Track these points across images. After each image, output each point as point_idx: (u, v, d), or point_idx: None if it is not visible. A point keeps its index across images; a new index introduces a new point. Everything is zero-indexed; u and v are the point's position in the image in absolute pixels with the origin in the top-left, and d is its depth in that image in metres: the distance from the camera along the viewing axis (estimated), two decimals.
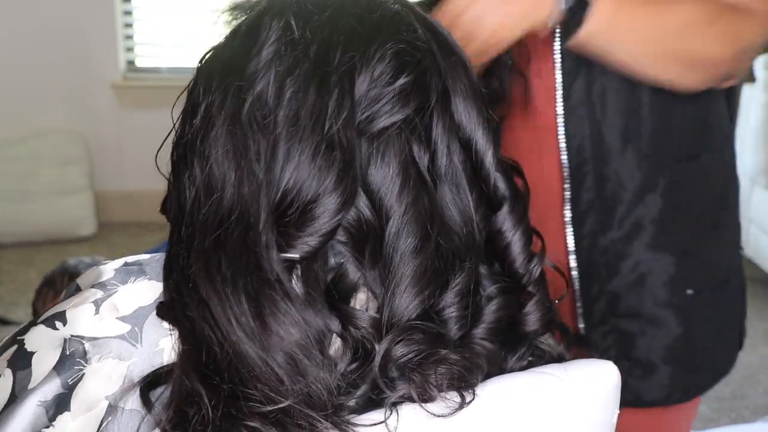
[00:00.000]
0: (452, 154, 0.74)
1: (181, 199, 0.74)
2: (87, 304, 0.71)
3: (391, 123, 0.71)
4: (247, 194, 0.69)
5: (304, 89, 0.70)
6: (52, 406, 0.68)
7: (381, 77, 0.72)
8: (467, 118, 0.75)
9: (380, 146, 0.71)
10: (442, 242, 0.72)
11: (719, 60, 1.18)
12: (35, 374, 0.69)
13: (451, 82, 0.75)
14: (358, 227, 0.70)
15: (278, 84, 0.71)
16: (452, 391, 0.69)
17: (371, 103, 0.71)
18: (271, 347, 0.66)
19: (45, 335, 0.70)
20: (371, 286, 0.71)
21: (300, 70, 0.71)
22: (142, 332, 0.70)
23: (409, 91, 0.72)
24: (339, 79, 0.70)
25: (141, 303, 0.71)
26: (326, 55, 0.71)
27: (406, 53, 0.73)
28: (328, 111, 0.69)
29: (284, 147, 0.70)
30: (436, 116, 0.74)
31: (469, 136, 0.75)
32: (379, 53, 0.72)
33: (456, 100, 0.75)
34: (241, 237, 0.68)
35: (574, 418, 0.76)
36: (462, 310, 0.72)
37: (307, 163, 0.69)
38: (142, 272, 0.73)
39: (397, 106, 0.71)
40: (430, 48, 0.75)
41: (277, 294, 0.67)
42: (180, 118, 0.77)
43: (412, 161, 0.72)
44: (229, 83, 0.73)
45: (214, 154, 0.71)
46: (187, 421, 0.65)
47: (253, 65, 0.72)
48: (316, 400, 0.66)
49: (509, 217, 0.77)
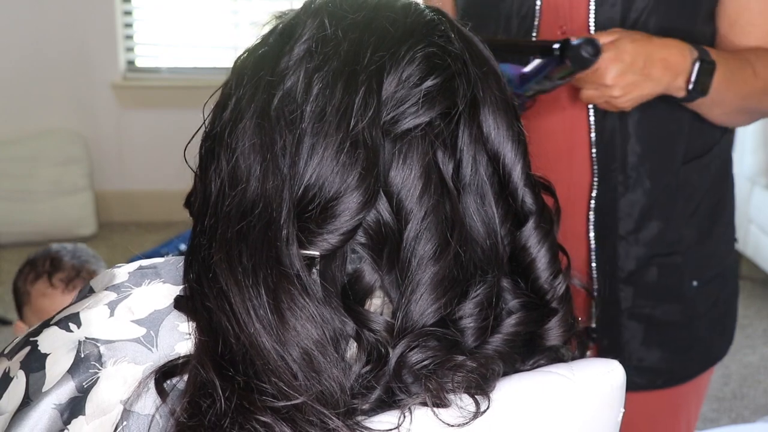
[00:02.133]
0: (478, 164, 0.74)
1: (206, 191, 0.74)
2: (101, 306, 0.71)
3: (415, 125, 0.71)
4: (270, 188, 0.70)
5: (331, 86, 0.71)
6: (67, 409, 0.67)
7: (409, 79, 0.72)
8: (496, 131, 0.75)
9: (403, 148, 0.71)
10: (461, 251, 0.71)
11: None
12: (49, 377, 0.68)
13: (482, 93, 0.75)
14: (377, 229, 0.70)
15: (307, 80, 0.71)
16: (467, 396, 0.69)
17: (397, 104, 0.71)
18: (287, 341, 0.66)
19: (59, 337, 0.70)
20: (387, 290, 0.71)
21: (329, 67, 0.71)
22: (157, 336, 0.70)
23: (436, 94, 0.72)
24: (367, 78, 0.71)
25: (156, 306, 0.71)
26: (356, 54, 0.72)
27: (437, 57, 0.73)
28: (354, 109, 0.70)
29: (309, 142, 0.70)
30: (463, 124, 0.73)
31: (497, 149, 0.75)
32: (409, 55, 0.72)
33: (485, 111, 0.75)
34: (263, 230, 0.69)
35: (580, 416, 0.76)
36: (480, 321, 0.72)
37: (331, 159, 0.69)
38: (157, 275, 0.73)
39: (423, 108, 0.71)
40: (461, 56, 0.75)
41: (296, 289, 0.67)
42: (211, 114, 0.77)
43: (435, 166, 0.72)
44: (260, 78, 0.73)
45: (241, 146, 0.72)
46: (201, 412, 0.65)
47: (285, 61, 0.73)
48: (329, 398, 0.66)
49: (535, 233, 0.76)
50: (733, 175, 1.46)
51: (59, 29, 3.98)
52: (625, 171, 1.30)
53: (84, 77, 4.07)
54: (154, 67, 4.24)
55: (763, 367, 3.05)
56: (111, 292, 0.72)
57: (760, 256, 3.45)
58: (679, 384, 1.42)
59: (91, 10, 4.01)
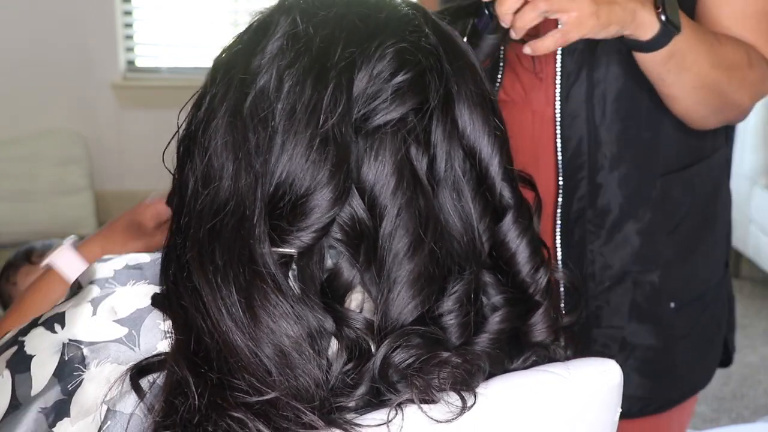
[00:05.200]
0: (453, 160, 0.73)
1: (182, 189, 0.74)
2: (84, 304, 0.71)
3: (386, 121, 0.71)
4: (243, 186, 0.69)
5: (301, 83, 0.70)
6: (52, 412, 0.68)
7: (380, 75, 0.71)
8: (471, 126, 0.74)
9: (375, 144, 0.71)
10: (437, 247, 0.71)
11: (742, 106, 1.22)
12: (36, 380, 0.69)
13: (456, 87, 0.74)
14: (352, 225, 0.70)
15: (278, 78, 0.71)
16: (454, 393, 0.69)
17: (369, 101, 0.71)
18: (259, 339, 0.66)
19: (44, 339, 0.70)
20: (367, 287, 0.71)
21: (300, 63, 0.71)
22: (139, 336, 0.70)
23: (406, 90, 0.71)
24: (337, 74, 0.70)
25: (138, 305, 0.71)
26: (327, 50, 0.71)
27: (407, 52, 0.73)
28: (323, 105, 0.69)
29: (280, 140, 0.70)
30: (436, 119, 0.73)
31: (473, 144, 0.74)
32: (380, 51, 0.72)
33: (460, 106, 0.74)
34: (235, 228, 0.69)
35: (577, 416, 0.76)
36: (462, 317, 0.72)
37: (301, 156, 0.69)
38: (143, 276, 0.73)
39: (394, 104, 0.71)
40: (436, 51, 0.74)
41: (269, 287, 0.67)
42: (189, 113, 0.77)
43: (408, 162, 0.71)
44: (232, 75, 0.73)
45: (214, 144, 0.71)
46: (176, 410, 0.65)
47: (258, 59, 0.72)
48: (303, 393, 0.66)
49: (513, 227, 0.76)
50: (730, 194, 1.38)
51: (59, 29, 3.98)
52: (594, 181, 1.24)
53: (84, 77, 4.07)
54: (154, 67, 4.24)
55: (763, 367, 3.05)
56: (95, 287, 0.72)
57: (760, 256, 3.45)
58: (658, 413, 1.35)
59: (91, 10, 4.01)
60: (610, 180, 1.24)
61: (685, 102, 1.18)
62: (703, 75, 1.15)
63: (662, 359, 1.32)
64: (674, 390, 1.36)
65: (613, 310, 1.29)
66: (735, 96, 1.20)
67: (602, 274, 1.27)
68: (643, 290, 1.28)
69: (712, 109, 1.20)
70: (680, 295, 1.31)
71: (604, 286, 1.28)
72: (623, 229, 1.26)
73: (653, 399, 1.33)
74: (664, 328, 1.30)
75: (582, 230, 1.26)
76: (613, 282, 1.27)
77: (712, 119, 1.23)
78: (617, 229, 1.26)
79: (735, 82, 1.18)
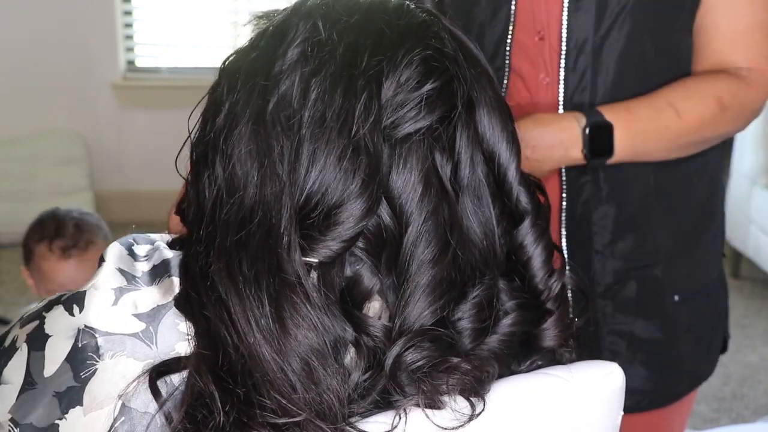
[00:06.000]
0: (475, 165, 0.74)
1: (200, 198, 0.73)
2: (108, 291, 0.70)
3: (415, 129, 0.71)
4: (269, 194, 0.69)
5: (330, 91, 0.70)
6: (65, 397, 0.68)
7: (408, 82, 0.71)
8: (491, 131, 0.75)
9: (403, 152, 0.71)
10: (459, 253, 0.71)
11: (734, 132, 1.30)
12: (48, 360, 0.69)
13: (477, 93, 0.75)
14: (378, 233, 0.70)
15: (304, 85, 0.71)
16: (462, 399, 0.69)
17: (396, 108, 0.71)
18: (287, 351, 0.66)
19: (62, 320, 0.70)
20: (386, 293, 0.71)
21: (326, 71, 0.71)
22: (157, 333, 0.69)
23: (435, 98, 0.71)
24: (366, 82, 0.70)
25: (159, 301, 0.71)
26: (353, 58, 0.71)
27: (434, 59, 0.73)
28: (356, 114, 0.69)
29: (309, 148, 0.69)
30: (461, 126, 0.73)
31: (492, 149, 0.74)
32: (407, 58, 0.72)
33: (480, 112, 0.74)
34: (263, 238, 0.68)
35: (579, 419, 0.76)
36: (477, 323, 0.72)
37: (333, 166, 0.69)
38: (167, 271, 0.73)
39: (423, 112, 0.71)
40: (456, 57, 0.75)
41: (298, 297, 0.67)
42: (200, 119, 0.76)
43: (434, 170, 0.71)
44: (254, 83, 0.72)
45: (237, 153, 0.71)
46: (196, 422, 0.65)
47: (279, 65, 0.72)
48: (327, 411, 0.66)
49: (531, 232, 0.76)
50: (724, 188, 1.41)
51: (59, 29, 3.98)
52: (598, 183, 1.27)
53: (84, 77, 4.06)
54: (154, 67, 4.24)
55: (763, 367, 3.05)
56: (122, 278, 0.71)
57: (760, 256, 3.45)
58: (664, 406, 1.37)
59: (91, 10, 4.00)
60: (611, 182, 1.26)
61: (661, 159, 1.26)
62: (666, 150, 1.23)
63: (669, 352, 1.34)
64: (680, 383, 1.38)
65: (619, 306, 1.31)
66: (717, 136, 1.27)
67: (608, 273, 1.29)
68: (648, 285, 1.31)
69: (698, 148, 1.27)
70: (684, 288, 1.34)
71: (609, 283, 1.30)
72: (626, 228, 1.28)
73: (661, 392, 1.35)
74: (670, 322, 1.33)
75: (587, 233, 1.28)
76: (618, 279, 1.30)
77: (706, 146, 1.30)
78: (620, 229, 1.28)
79: (708, 132, 1.24)
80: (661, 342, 1.33)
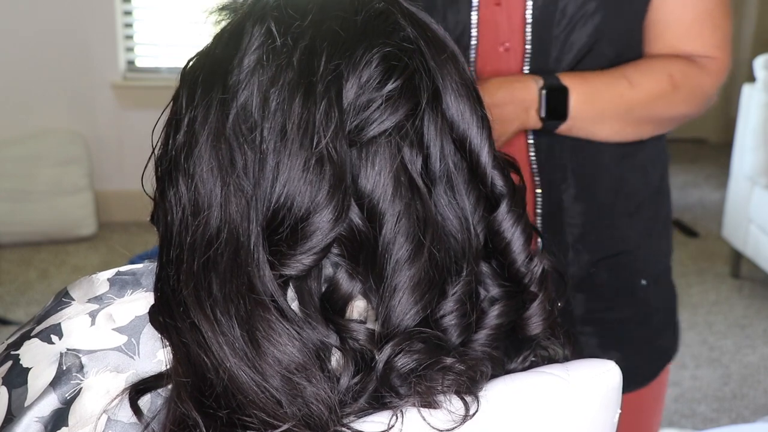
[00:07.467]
0: (446, 156, 0.72)
1: (167, 217, 0.71)
2: (82, 316, 0.70)
3: (381, 131, 0.69)
4: (234, 212, 0.67)
5: (289, 100, 0.68)
6: (50, 421, 0.67)
7: (369, 82, 0.69)
8: (460, 116, 0.73)
9: (370, 154, 0.69)
10: (435, 251, 0.70)
11: (687, 115, 1.32)
12: (31, 391, 0.67)
13: (441, 81, 0.72)
14: (352, 238, 0.69)
15: (262, 95, 0.69)
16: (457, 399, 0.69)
17: (360, 110, 0.69)
18: (265, 371, 0.64)
19: (41, 350, 0.69)
20: (368, 295, 0.70)
21: (284, 80, 0.69)
22: (139, 343, 0.69)
23: (398, 97, 0.70)
24: (325, 88, 0.68)
25: (137, 312, 0.70)
26: (310, 63, 0.69)
27: (393, 56, 0.70)
28: (316, 123, 0.67)
29: (272, 161, 0.67)
30: (428, 118, 0.71)
31: (462, 135, 0.73)
32: (366, 58, 0.69)
33: (447, 99, 0.73)
34: (231, 257, 0.67)
35: (576, 417, 0.76)
36: (461, 317, 0.71)
37: (297, 178, 0.67)
38: (138, 283, 0.72)
39: (387, 112, 0.69)
40: (418, 47, 0.72)
41: (272, 315, 0.65)
42: (163, 131, 0.74)
43: (403, 167, 0.70)
44: (212, 97, 0.70)
45: (199, 171, 0.69)
46: None
47: (236, 75, 0.70)
48: (317, 420, 0.64)
49: (508, 216, 0.75)
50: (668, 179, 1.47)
51: (59, 29, 3.98)
52: (567, 180, 1.31)
53: (84, 77, 4.07)
54: (154, 67, 4.24)
55: (763, 367, 3.05)
56: (92, 304, 0.71)
57: (760, 256, 3.45)
58: (641, 387, 1.41)
59: (91, 10, 4.01)
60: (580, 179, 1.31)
61: (617, 137, 1.30)
62: (616, 120, 1.27)
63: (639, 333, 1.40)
64: (652, 362, 1.44)
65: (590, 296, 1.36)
66: (669, 117, 1.30)
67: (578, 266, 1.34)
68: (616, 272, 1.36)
69: (652, 128, 1.32)
70: (649, 272, 1.40)
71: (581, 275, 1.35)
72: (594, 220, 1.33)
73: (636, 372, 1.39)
74: (639, 304, 1.39)
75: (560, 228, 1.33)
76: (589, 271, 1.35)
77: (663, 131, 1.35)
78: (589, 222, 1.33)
79: (660, 108, 1.28)
80: (632, 323, 1.39)
